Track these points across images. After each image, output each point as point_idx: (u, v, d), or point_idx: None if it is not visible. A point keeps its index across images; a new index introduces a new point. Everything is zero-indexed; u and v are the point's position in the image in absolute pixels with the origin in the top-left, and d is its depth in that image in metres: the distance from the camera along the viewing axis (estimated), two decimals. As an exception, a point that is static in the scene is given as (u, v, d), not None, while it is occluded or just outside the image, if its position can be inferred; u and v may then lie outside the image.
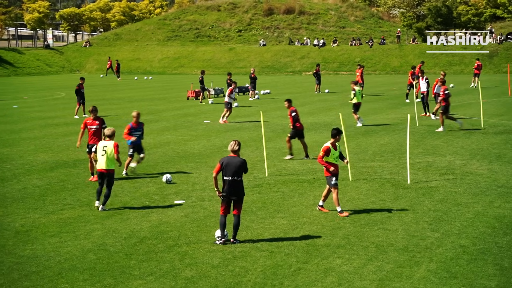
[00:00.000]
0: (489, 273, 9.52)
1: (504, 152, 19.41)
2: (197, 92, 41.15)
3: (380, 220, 12.51)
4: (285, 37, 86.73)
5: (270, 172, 17.41)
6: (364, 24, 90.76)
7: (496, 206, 13.26)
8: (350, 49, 75.45)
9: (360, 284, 9.28)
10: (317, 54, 75.30)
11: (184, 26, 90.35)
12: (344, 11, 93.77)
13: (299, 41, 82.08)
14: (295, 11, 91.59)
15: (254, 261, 10.40)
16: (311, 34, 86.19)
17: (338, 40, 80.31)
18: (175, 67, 79.92)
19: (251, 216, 13.09)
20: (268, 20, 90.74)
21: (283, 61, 76.61)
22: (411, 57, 69.14)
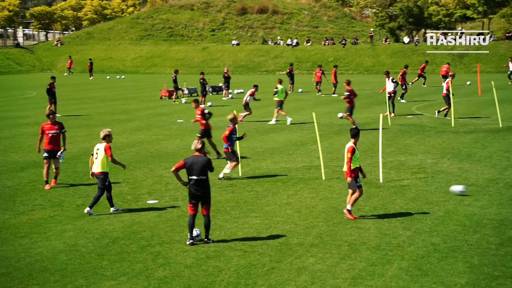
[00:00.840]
0: (459, 271, 9.65)
1: (474, 151, 19.69)
2: (171, 91, 40.97)
3: (353, 219, 12.58)
4: (258, 36, 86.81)
5: (243, 171, 17.40)
6: (337, 24, 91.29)
7: (466, 204, 13.45)
8: (323, 48, 75.81)
9: (333, 283, 9.33)
10: (291, 54, 75.51)
11: (157, 25, 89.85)
12: (317, 11, 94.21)
13: (272, 41, 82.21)
14: (268, 11, 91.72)
15: (227, 260, 10.39)
16: (285, 33, 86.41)
17: (312, 39, 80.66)
18: (148, 66, 79.45)
19: (225, 216, 13.08)
20: (242, 19, 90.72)
21: (257, 60, 76.67)
22: (384, 57, 69.73)
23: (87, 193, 15.38)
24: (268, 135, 24.42)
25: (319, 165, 16.98)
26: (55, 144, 15.92)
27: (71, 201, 14.61)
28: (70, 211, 13.65)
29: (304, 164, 18.39)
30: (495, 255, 10.26)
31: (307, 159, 19.20)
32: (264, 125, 27.38)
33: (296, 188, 15.40)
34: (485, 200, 13.74)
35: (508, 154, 18.87)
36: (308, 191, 15.04)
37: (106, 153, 13.36)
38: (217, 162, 18.28)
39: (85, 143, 23.18)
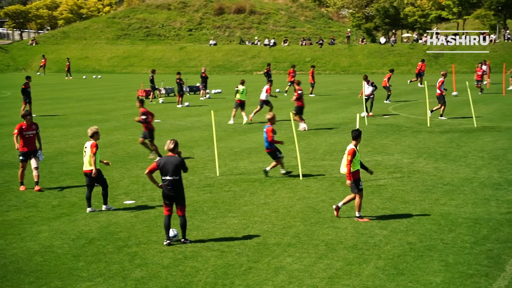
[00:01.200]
0: (434, 269, 9.74)
1: (449, 150, 19.89)
2: (148, 91, 40.75)
3: (330, 219, 12.64)
4: (236, 36, 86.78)
5: (221, 171, 17.38)
6: (314, 24, 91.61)
7: (442, 203, 13.58)
8: (301, 49, 76.03)
9: (310, 282, 9.36)
10: (268, 54, 75.60)
11: (134, 24, 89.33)
12: (294, 11, 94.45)
13: (250, 41, 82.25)
14: (245, 11, 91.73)
15: (205, 261, 10.37)
16: (262, 33, 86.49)
17: (289, 40, 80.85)
18: (125, 66, 78.94)
19: (202, 216, 13.04)
20: (219, 19, 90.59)
21: (234, 60, 76.63)
22: (360, 57, 70.16)
23: (62, 193, 15.23)
24: (245, 135, 24.42)
25: (297, 165, 17.02)
26: (31, 146, 15.68)
27: (47, 201, 14.45)
28: (46, 212, 13.50)
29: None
30: (469, 253, 10.38)
31: (284, 159, 19.21)
32: (242, 125, 27.38)
33: (274, 188, 15.42)
34: (460, 199, 13.89)
35: (482, 154, 19.10)
36: (285, 191, 15.07)
37: (91, 150, 13.43)
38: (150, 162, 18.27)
39: (61, 143, 22.95)
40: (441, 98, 27.32)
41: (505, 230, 11.53)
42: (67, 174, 17.49)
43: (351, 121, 27.47)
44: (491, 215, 12.52)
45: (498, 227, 11.72)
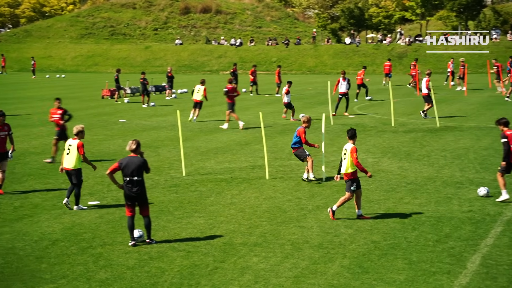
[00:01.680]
0: (398, 267, 9.87)
1: (413, 150, 20.17)
2: (113, 91, 40.35)
3: (296, 218, 12.70)
4: (202, 36, 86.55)
5: (187, 171, 17.31)
6: (280, 24, 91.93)
7: (406, 202, 13.76)
8: (267, 48, 76.21)
9: (276, 282, 9.39)
10: (234, 54, 75.59)
11: (98, 23, 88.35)
12: (260, 11, 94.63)
13: (216, 40, 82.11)
14: (211, 10, 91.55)
15: (170, 261, 10.31)
16: (228, 33, 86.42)
17: (255, 39, 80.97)
18: (89, 65, 78.04)
19: (168, 216, 12.97)
20: (185, 18, 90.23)
21: (200, 60, 76.41)
22: (326, 57, 70.65)
23: (25, 194, 14.98)
24: (212, 135, 24.37)
25: (263, 165, 17.06)
26: (2, 148, 15.35)
27: (8, 203, 14.19)
28: (7, 213, 13.26)
29: (248, 164, 18.44)
30: (432, 251, 10.54)
31: (251, 158, 19.26)
32: (208, 125, 27.31)
33: (240, 188, 15.42)
34: (423, 198, 14.09)
35: (445, 153, 19.42)
36: (252, 191, 15.08)
37: (79, 151, 13.40)
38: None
39: (23, 143, 22.57)
40: (428, 97, 27.57)
41: (467, 228, 11.74)
42: (30, 175, 17.21)
43: (317, 121, 27.61)
44: (453, 214, 12.74)
45: (459, 225, 11.94)
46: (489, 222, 12.08)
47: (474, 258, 10.13)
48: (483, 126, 24.72)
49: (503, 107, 31.03)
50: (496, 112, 28.79)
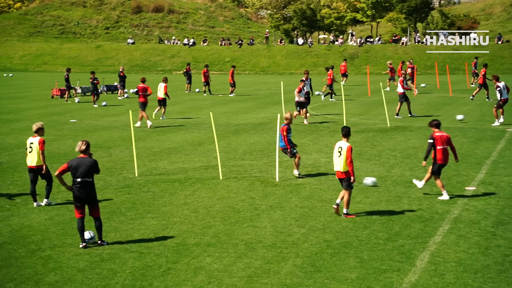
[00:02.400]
0: (350, 266, 10.00)
1: (364, 150, 20.46)
2: (63, 90, 39.64)
3: (250, 218, 12.73)
4: (154, 35, 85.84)
5: (140, 172, 17.13)
6: (233, 25, 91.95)
7: (357, 201, 13.95)
8: (220, 48, 76.13)
9: (229, 282, 9.39)
10: (187, 53, 75.23)
11: (48, 21, 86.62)
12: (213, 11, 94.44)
13: (168, 40, 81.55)
14: (164, 10, 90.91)
15: (122, 262, 10.19)
16: (181, 33, 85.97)
17: (208, 39, 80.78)
18: (38, 64, 76.41)
19: (120, 217, 12.82)
20: (137, 18, 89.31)
21: (153, 59, 75.76)
22: (279, 58, 71.02)
23: (-29, 197, 14.57)
24: (165, 135, 24.19)
25: (217, 165, 17.04)
26: None
27: (-46, 205, 13.77)
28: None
29: (201, 164, 18.38)
30: (383, 249, 10.72)
31: (204, 159, 19.20)
32: (161, 125, 27.10)
33: (194, 188, 15.36)
34: (374, 197, 14.32)
35: (395, 153, 19.77)
36: (205, 191, 15.04)
37: (39, 147, 13.48)
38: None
39: (-31, 144, 21.94)
40: (402, 96, 27.94)
41: (416, 226, 11.98)
42: None
43: (271, 121, 27.76)
44: (403, 212, 12.98)
45: (409, 224, 12.17)
46: (437, 220, 12.36)
47: (422, 256, 10.35)
48: (432, 126, 25.28)
49: (450, 107, 31.80)
50: (444, 112, 29.49)
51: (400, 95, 28.09)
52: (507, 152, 19.31)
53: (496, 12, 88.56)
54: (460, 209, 13.10)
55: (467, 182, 15.49)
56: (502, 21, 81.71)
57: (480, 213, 12.78)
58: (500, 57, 63.42)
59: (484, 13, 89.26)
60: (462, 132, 23.61)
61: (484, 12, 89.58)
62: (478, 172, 16.59)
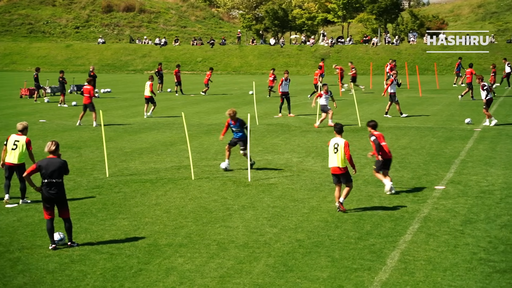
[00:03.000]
0: (321, 265, 10.05)
1: (336, 149, 20.58)
2: (32, 90, 39.11)
3: (222, 218, 12.71)
4: (125, 35, 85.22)
5: (111, 172, 16.99)
6: (205, 24, 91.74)
7: (329, 201, 14.03)
8: (192, 48, 75.88)
9: (201, 282, 9.37)
10: (159, 53, 74.84)
11: (16, 20, 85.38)
12: (185, 11, 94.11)
13: (140, 40, 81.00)
14: (135, 9, 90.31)
15: (93, 264, 10.09)
16: (152, 32, 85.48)
17: (180, 39, 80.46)
18: (6, 63, 75.25)
19: (91, 218, 12.69)
20: (107, 17, 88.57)
21: (124, 59, 75.19)
22: (251, 58, 71.08)
23: None
24: (136, 135, 24.03)
25: (189, 165, 16.98)
26: None
27: None
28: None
29: (173, 164, 18.29)
30: (354, 248, 10.80)
31: (176, 159, 19.12)
32: (133, 126, 26.92)
33: (165, 189, 15.28)
34: (346, 196, 14.40)
35: (366, 152, 19.90)
36: (177, 191, 14.98)
37: (27, 147, 13.72)
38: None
39: None
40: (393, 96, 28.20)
41: (387, 225, 12.10)
42: None
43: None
44: (374, 211, 13.10)
45: (380, 223, 12.29)
46: (407, 219, 12.50)
47: (393, 254, 10.45)
48: (401, 126, 25.54)
49: (420, 107, 32.18)
50: (414, 112, 29.85)
51: (391, 94, 28.31)
52: (475, 152, 19.62)
53: (464, 14, 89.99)
54: (429, 208, 13.27)
55: (437, 181, 15.70)
56: (470, 22, 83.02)
57: (449, 211, 12.96)
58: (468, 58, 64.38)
59: (453, 14, 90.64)
60: (431, 132, 23.91)
61: (452, 14, 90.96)
62: (447, 171, 16.82)
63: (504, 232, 11.54)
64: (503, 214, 12.71)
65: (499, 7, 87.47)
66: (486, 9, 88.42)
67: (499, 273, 9.59)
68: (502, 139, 21.90)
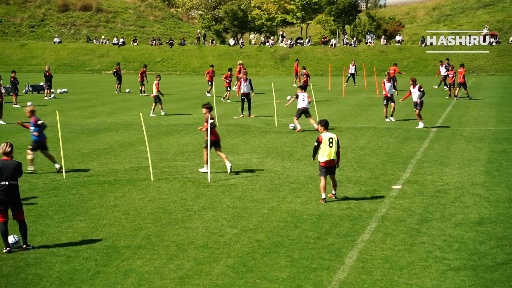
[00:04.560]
0: (281, 265, 10.10)
1: (295, 150, 20.72)
2: (-15, 90, 38.14)
3: (181, 219, 12.65)
4: (82, 34, 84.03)
5: (68, 174, 16.73)
6: (163, 24, 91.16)
7: (288, 201, 14.11)
8: (151, 48, 75.29)
9: (160, 284, 9.30)
10: (117, 53, 74.03)
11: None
12: (143, 11, 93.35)
13: (97, 39, 79.97)
14: (92, 8, 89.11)
15: (49, 267, 9.92)
16: (110, 32, 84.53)
17: (138, 39, 79.75)
18: (-41, 62, 73.30)
19: (47, 220, 12.47)
20: (64, 16, 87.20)
21: (81, 59, 74.14)
22: (211, 58, 70.91)
23: None
24: (94, 136, 23.71)
25: (148, 166, 16.84)
26: None
27: None
28: None
29: (132, 165, 18.12)
30: (313, 248, 10.89)
31: (135, 160, 18.94)
32: (91, 126, 26.56)
33: (124, 190, 15.13)
34: (305, 196, 14.52)
35: (325, 153, 20.10)
36: (136, 193, 14.84)
37: None
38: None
39: None
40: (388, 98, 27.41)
41: (345, 225, 12.24)
42: None
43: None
44: (333, 211, 13.23)
45: (338, 222, 12.42)
46: (365, 218, 12.67)
47: (351, 254, 10.58)
48: (359, 127, 25.86)
49: (377, 108, 32.64)
50: (372, 113, 30.26)
51: (385, 97, 27.53)
52: (431, 152, 20.00)
53: (420, 16, 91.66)
54: (387, 207, 13.47)
55: (394, 181, 15.95)
56: (425, 25, 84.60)
57: (406, 211, 13.19)
58: (424, 60, 65.61)
59: (409, 16, 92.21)
60: (389, 132, 24.28)
61: (408, 16, 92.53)
62: (404, 171, 17.11)
63: (458, 230, 11.80)
64: (457, 213, 13.00)
65: (453, 10, 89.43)
66: (441, 12, 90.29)
67: (453, 270, 9.81)
68: (456, 139, 22.40)
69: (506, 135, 23.21)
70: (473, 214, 12.87)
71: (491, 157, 18.98)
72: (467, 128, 25.06)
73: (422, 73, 62.32)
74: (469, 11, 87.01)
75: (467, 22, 79.61)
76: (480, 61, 62.72)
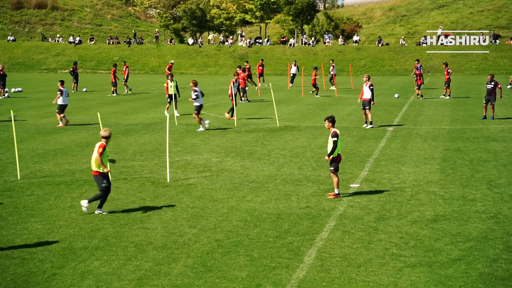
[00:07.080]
0: (240, 264, 10.11)
1: (255, 149, 20.76)
2: None
3: (140, 219, 12.54)
4: (37, 32, 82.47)
5: (23, 174, 16.40)
6: (121, 23, 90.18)
7: (248, 200, 14.13)
8: (108, 47, 74.37)
9: (118, 285, 9.20)
10: (74, 52, 72.91)
11: None
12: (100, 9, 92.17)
13: (53, 38, 78.59)
14: (47, 6, 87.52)
15: (3, 270, 9.70)
16: (66, 30, 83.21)
17: (95, 38, 78.69)
18: None
19: (1, 222, 12.21)
20: (18, 14, 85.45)
21: (36, 58, 72.74)
22: (169, 57, 70.43)
23: None
24: (50, 136, 23.29)
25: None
26: None
27: None
28: None
29: (89, 166, 17.82)
30: (272, 247, 10.93)
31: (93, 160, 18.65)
32: (46, 126, 26.08)
33: (81, 191, 14.91)
34: (264, 195, 14.56)
35: (284, 152, 20.21)
36: (93, 193, 14.62)
37: None
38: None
39: None
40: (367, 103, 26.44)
41: (304, 224, 12.32)
42: None
43: (161, 121, 27.50)
44: (292, 210, 13.31)
45: (298, 221, 12.50)
46: (324, 217, 12.78)
47: (310, 252, 10.66)
48: (318, 126, 26.06)
49: (336, 107, 32.97)
50: (330, 112, 30.54)
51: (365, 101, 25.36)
52: (387, 150, 20.30)
53: (376, 16, 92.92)
54: (345, 205, 13.62)
55: (352, 180, 16.13)
56: (382, 25, 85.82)
57: (364, 209, 13.35)
58: (381, 59, 66.53)
59: (366, 16, 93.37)
60: (347, 131, 24.54)
61: (365, 16, 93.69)
62: (362, 170, 17.32)
63: (414, 227, 12.02)
64: (414, 210, 13.23)
65: (408, 10, 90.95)
66: (397, 12, 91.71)
67: (410, 267, 9.98)
68: (412, 138, 22.78)
69: (460, 133, 23.73)
70: (428, 211, 13.12)
71: (445, 155, 19.38)
72: (422, 127, 25.53)
73: (379, 73, 63.20)
74: (424, 11, 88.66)
75: (422, 22, 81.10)
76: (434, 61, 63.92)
